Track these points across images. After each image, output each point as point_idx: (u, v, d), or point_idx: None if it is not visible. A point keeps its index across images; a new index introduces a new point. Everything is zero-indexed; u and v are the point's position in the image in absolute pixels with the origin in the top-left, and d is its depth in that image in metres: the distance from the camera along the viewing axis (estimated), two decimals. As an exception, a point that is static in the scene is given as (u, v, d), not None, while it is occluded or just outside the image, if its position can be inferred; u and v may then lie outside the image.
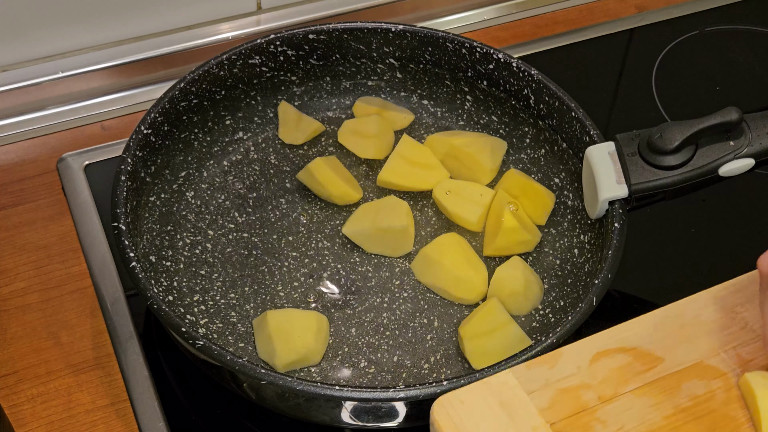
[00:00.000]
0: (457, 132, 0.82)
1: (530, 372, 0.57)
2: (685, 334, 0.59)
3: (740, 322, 0.60)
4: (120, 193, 0.67)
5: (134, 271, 0.63)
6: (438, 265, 0.72)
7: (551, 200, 0.76)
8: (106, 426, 0.67)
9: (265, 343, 0.67)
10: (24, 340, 0.71)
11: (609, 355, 0.58)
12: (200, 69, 0.75)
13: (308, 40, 0.80)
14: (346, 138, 0.80)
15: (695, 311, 0.60)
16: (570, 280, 0.72)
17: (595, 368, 0.57)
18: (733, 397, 0.57)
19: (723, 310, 0.61)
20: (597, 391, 0.56)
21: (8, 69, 0.86)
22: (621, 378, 0.57)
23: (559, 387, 0.56)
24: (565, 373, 0.57)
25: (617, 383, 0.57)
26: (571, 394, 0.56)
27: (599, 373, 0.57)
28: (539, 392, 0.56)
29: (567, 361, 0.58)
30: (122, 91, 0.89)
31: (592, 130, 0.72)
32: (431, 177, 0.78)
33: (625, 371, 0.57)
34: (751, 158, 0.67)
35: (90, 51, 0.88)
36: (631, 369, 0.57)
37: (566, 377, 0.57)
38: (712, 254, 0.80)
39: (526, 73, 0.77)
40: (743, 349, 0.59)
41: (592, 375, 0.57)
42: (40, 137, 0.86)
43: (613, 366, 0.58)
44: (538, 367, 0.57)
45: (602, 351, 0.58)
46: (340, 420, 0.63)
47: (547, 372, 0.57)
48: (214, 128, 0.79)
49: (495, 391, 0.56)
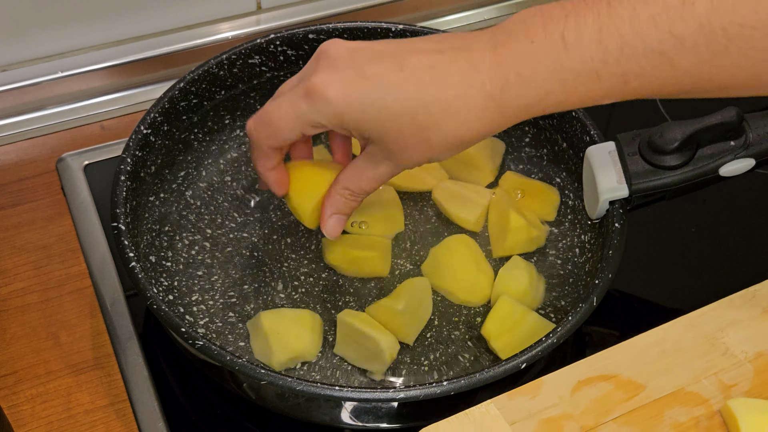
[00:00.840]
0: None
1: (512, 403, 0.57)
2: (666, 361, 0.59)
3: (721, 348, 0.60)
4: (120, 193, 0.67)
5: (134, 271, 0.63)
6: (445, 266, 0.72)
7: (556, 195, 0.76)
8: (105, 426, 0.67)
9: (261, 343, 0.67)
10: (23, 341, 0.71)
11: (591, 383, 0.58)
12: (200, 69, 0.75)
13: (308, 40, 0.79)
14: None
15: (675, 337, 0.60)
16: (571, 279, 0.72)
17: (577, 398, 0.57)
18: (716, 424, 0.57)
19: (703, 335, 0.60)
20: (579, 421, 0.56)
21: (8, 69, 0.86)
22: (603, 407, 0.57)
23: (542, 417, 0.56)
24: (547, 403, 0.57)
25: (599, 412, 0.57)
26: (553, 424, 0.56)
27: (581, 403, 0.57)
28: (521, 423, 0.56)
29: (549, 390, 0.57)
30: (122, 91, 0.89)
31: (592, 129, 0.72)
32: (430, 178, 0.78)
33: (607, 400, 0.57)
34: (752, 158, 0.67)
35: (90, 51, 0.88)
36: (612, 397, 0.57)
37: (548, 407, 0.57)
38: (712, 254, 0.80)
39: (526, 72, 0.77)
40: (725, 375, 0.59)
41: (575, 405, 0.57)
42: (39, 137, 0.86)
43: (595, 395, 0.57)
44: (520, 397, 0.57)
45: (584, 379, 0.58)
46: (340, 420, 0.63)
47: (529, 402, 0.57)
48: (213, 128, 0.79)
49: (477, 423, 0.55)
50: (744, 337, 0.60)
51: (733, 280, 0.78)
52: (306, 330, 0.67)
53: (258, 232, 0.76)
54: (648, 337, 0.60)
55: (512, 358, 0.59)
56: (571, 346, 0.72)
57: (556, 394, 0.57)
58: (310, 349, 0.67)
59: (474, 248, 0.74)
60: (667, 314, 0.75)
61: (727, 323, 0.61)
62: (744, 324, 0.61)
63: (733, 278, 0.78)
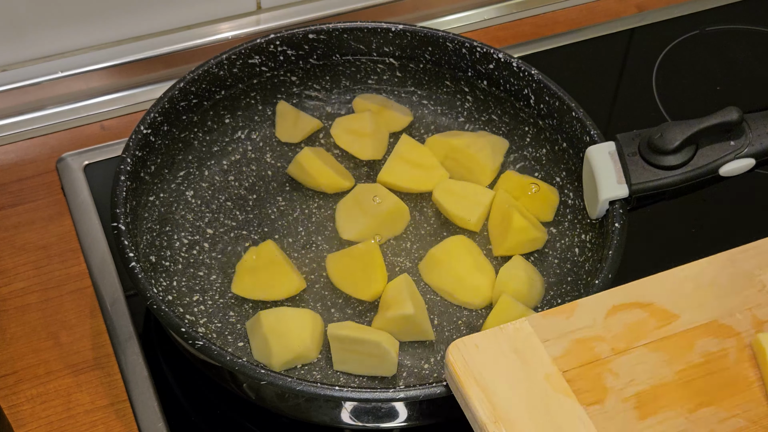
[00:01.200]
0: (456, 132, 0.81)
1: (546, 321, 0.57)
2: (701, 293, 0.59)
3: (758, 285, 0.60)
4: (119, 193, 0.67)
5: (134, 271, 0.63)
6: (445, 267, 0.72)
7: (555, 195, 0.76)
8: (105, 426, 0.67)
9: (261, 344, 0.67)
10: (23, 341, 0.71)
11: (625, 309, 0.58)
12: (200, 69, 0.75)
13: (308, 40, 0.79)
14: (341, 136, 0.80)
15: (713, 272, 0.61)
16: (570, 278, 0.72)
17: (610, 321, 0.58)
18: (745, 357, 0.57)
19: (741, 272, 0.61)
20: (611, 343, 0.57)
21: (8, 69, 0.86)
22: (635, 332, 0.57)
23: (574, 337, 0.57)
24: (580, 325, 0.57)
25: (631, 337, 0.57)
26: (585, 344, 0.56)
27: (614, 327, 0.57)
28: (553, 341, 0.56)
29: (583, 312, 0.58)
30: (122, 90, 0.89)
31: (592, 130, 0.72)
32: (431, 178, 0.78)
33: (640, 326, 0.58)
34: (752, 158, 0.67)
35: (89, 51, 0.88)
36: (645, 324, 0.58)
37: (581, 328, 0.57)
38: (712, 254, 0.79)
39: (527, 72, 0.77)
40: (759, 311, 0.59)
41: (607, 328, 0.57)
42: (39, 137, 0.86)
43: (629, 320, 0.58)
44: (554, 317, 0.58)
45: (618, 305, 0.58)
46: (340, 420, 0.63)
47: (563, 322, 0.57)
48: (213, 128, 0.79)
49: (510, 338, 0.56)
50: None
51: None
52: (307, 330, 0.67)
53: (257, 231, 0.76)
54: (686, 270, 0.61)
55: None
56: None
57: (591, 316, 0.58)
58: (311, 349, 0.67)
59: (474, 249, 0.74)
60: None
61: (765, 262, 0.61)
62: None
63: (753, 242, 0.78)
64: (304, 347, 0.67)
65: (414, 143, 0.79)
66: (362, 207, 0.75)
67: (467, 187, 0.77)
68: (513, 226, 0.73)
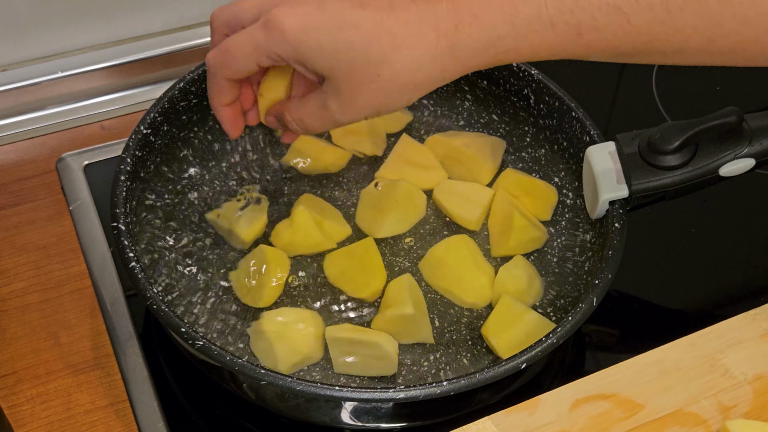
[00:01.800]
0: (456, 132, 0.81)
1: (509, 419, 0.57)
2: (665, 381, 0.59)
3: (720, 369, 0.60)
4: (119, 193, 0.67)
5: (134, 271, 0.63)
6: (446, 267, 0.72)
7: (554, 194, 0.76)
8: (105, 426, 0.67)
9: (266, 349, 0.67)
10: (23, 341, 0.71)
11: (589, 401, 0.58)
12: (200, 68, 0.75)
13: (308, 40, 0.79)
14: (340, 138, 0.81)
15: (675, 358, 0.60)
16: (571, 279, 0.72)
17: (575, 415, 0.57)
18: None
19: (702, 356, 0.60)
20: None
21: (8, 69, 0.86)
22: (601, 425, 0.57)
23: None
24: (544, 420, 0.57)
25: (598, 430, 0.56)
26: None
27: (579, 420, 0.57)
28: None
29: (546, 407, 0.57)
30: (122, 90, 0.89)
31: (592, 130, 0.72)
32: (430, 177, 0.78)
33: (605, 418, 0.57)
34: (751, 158, 0.67)
35: (89, 51, 0.88)
36: (611, 416, 0.57)
37: (546, 424, 0.56)
38: (712, 254, 0.80)
39: (527, 72, 0.77)
40: (724, 396, 0.59)
41: (572, 422, 0.57)
42: (39, 137, 0.86)
43: (593, 413, 0.57)
44: (518, 413, 0.57)
45: (582, 398, 0.58)
46: (340, 420, 0.63)
47: (527, 419, 0.57)
48: (213, 127, 0.79)
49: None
50: (744, 359, 0.60)
51: (732, 281, 0.78)
52: (310, 331, 0.67)
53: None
54: (647, 357, 0.60)
55: (512, 358, 0.59)
56: (571, 346, 0.72)
57: (554, 410, 0.57)
58: (315, 350, 0.67)
59: (474, 248, 0.74)
60: (667, 314, 0.75)
61: (726, 345, 0.61)
62: (744, 345, 0.61)
63: (733, 278, 0.78)
64: (309, 348, 0.67)
65: (414, 143, 0.79)
66: (378, 205, 0.75)
67: (467, 186, 0.77)
68: (514, 225, 0.73)
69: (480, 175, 0.78)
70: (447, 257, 0.72)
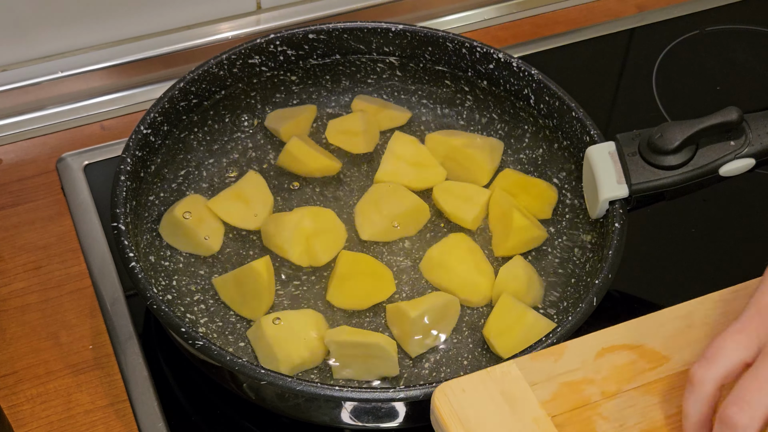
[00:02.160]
0: (455, 132, 0.81)
1: (534, 364, 0.57)
2: (692, 334, 0.59)
3: None
4: (119, 193, 0.67)
5: (134, 271, 0.63)
6: (446, 265, 0.72)
7: (554, 193, 0.76)
8: (105, 426, 0.67)
9: (266, 351, 0.67)
10: (23, 341, 0.71)
11: (614, 351, 0.58)
12: (200, 69, 0.75)
13: (308, 40, 0.79)
14: (334, 136, 0.81)
15: (703, 312, 0.60)
16: (573, 279, 0.72)
17: (599, 363, 0.57)
18: None
19: (731, 313, 0.60)
20: (600, 386, 0.56)
21: (8, 69, 0.86)
22: (625, 375, 0.57)
23: (563, 380, 0.56)
24: (569, 367, 0.57)
25: (621, 380, 0.56)
26: (574, 387, 0.56)
27: (603, 369, 0.57)
28: (542, 384, 0.56)
29: (572, 354, 0.57)
30: (122, 91, 0.89)
31: (592, 129, 0.72)
32: (429, 176, 0.78)
33: (630, 368, 0.57)
34: (752, 158, 0.67)
35: (90, 51, 0.88)
36: (635, 366, 0.57)
37: (570, 371, 0.56)
38: (712, 254, 0.80)
39: (527, 72, 0.77)
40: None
41: (597, 370, 0.57)
42: (39, 137, 0.86)
43: (618, 362, 0.57)
44: (543, 359, 0.57)
45: (608, 347, 0.58)
46: (340, 420, 0.63)
47: (552, 365, 0.57)
48: (213, 127, 0.79)
49: (497, 381, 0.55)
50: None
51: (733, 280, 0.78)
52: (312, 333, 0.67)
53: (257, 231, 0.75)
54: (676, 311, 0.60)
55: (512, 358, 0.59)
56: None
57: (579, 358, 0.57)
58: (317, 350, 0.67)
59: (473, 247, 0.74)
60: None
61: None
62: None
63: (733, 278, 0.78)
64: (311, 350, 0.66)
65: (407, 139, 0.79)
66: (379, 207, 0.75)
67: (464, 187, 0.77)
68: (514, 225, 0.73)
69: (479, 175, 0.78)
70: (446, 256, 0.72)
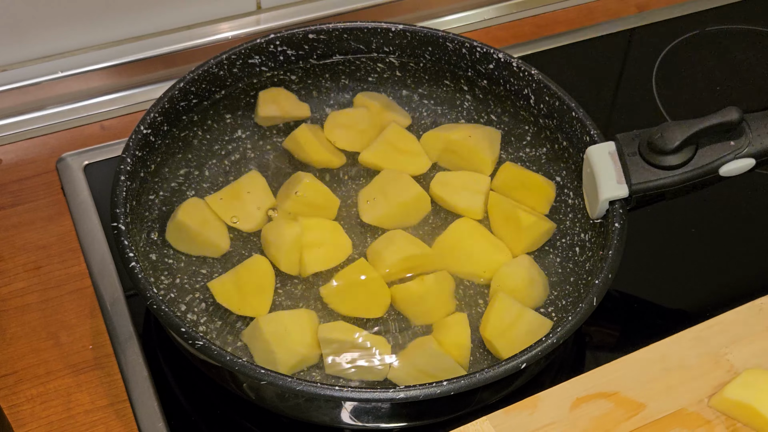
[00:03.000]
0: (449, 126, 0.82)
1: (508, 418, 0.56)
2: (668, 379, 0.58)
3: (725, 366, 0.58)
4: (119, 193, 0.67)
5: (134, 271, 0.63)
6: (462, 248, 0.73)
7: (552, 188, 0.77)
8: (105, 426, 0.67)
9: (264, 351, 0.67)
10: (23, 341, 0.71)
11: (589, 401, 0.57)
12: (200, 69, 0.75)
13: (308, 40, 0.79)
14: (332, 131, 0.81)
15: (679, 354, 0.59)
16: (572, 278, 0.72)
17: (575, 415, 0.56)
18: None
19: (707, 353, 0.59)
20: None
21: (8, 69, 0.86)
22: (602, 426, 0.55)
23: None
24: (544, 421, 0.55)
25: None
26: None
27: (580, 421, 0.56)
28: None
29: (546, 406, 0.56)
30: (122, 91, 0.89)
31: (592, 129, 0.72)
32: (413, 163, 0.78)
33: (607, 419, 0.56)
34: (752, 158, 0.67)
35: (89, 51, 0.88)
36: (612, 416, 0.56)
37: (546, 425, 0.55)
38: (712, 254, 0.80)
39: (527, 72, 0.77)
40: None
41: (573, 423, 0.55)
42: (39, 137, 0.86)
43: (594, 413, 0.56)
44: (517, 413, 0.56)
45: (582, 397, 0.57)
46: (340, 420, 0.63)
47: (527, 418, 0.56)
48: (213, 127, 0.79)
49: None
50: (749, 354, 0.59)
51: (733, 280, 0.78)
52: (307, 332, 0.67)
53: (257, 230, 0.75)
54: (650, 352, 0.59)
55: (512, 358, 0.59)
56: (571, 345, 0.72)
57: (555, 410, 0.56)
58: (314, 350, 0.67)
59: (481, 228, 0.75)
60: (667, 314, 0.75)
61: (731, 339, 0.59)
62: (749, 340, 0.59)
63: (733, 278, 0.78)
64: (307, 349, 0.66)
65: (402, 131, 0.80)
66: (385, 193, 0.75)
67: (462, 176, 0.77)
68: (523, 224, 0.73)
69: (481, 167, 0.78)
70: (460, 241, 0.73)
